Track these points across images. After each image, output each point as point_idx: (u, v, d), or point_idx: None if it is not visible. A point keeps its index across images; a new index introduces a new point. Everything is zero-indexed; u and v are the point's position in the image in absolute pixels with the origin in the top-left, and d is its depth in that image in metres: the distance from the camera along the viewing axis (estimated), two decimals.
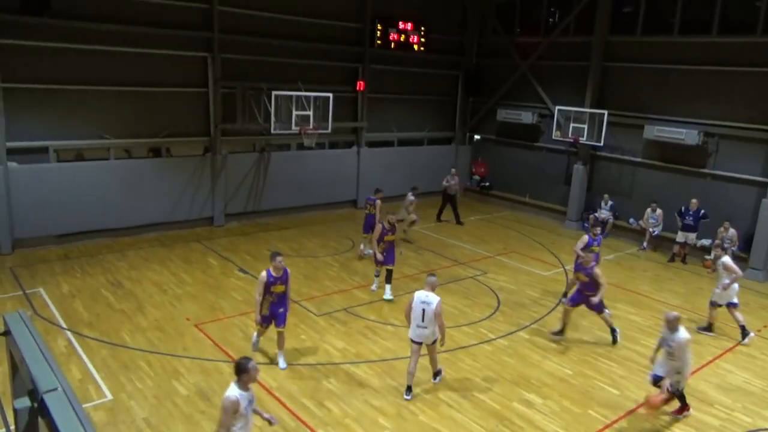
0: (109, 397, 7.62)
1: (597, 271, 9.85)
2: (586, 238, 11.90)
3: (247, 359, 5.55)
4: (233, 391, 5.40)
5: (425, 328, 7.91)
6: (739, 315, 10.55)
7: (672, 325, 7.62)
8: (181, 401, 7.63)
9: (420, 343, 8.00)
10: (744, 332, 10.55)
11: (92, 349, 8.83)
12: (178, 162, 15.31)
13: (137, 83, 14.26)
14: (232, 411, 5.33)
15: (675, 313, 7.75)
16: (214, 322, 10.07)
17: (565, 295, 12.14)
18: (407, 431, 7.28)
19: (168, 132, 14.89)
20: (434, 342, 8.11)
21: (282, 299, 8.49)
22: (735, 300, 10.57)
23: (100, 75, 13.68)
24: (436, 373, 8.55)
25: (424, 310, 7.86)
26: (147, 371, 8.33)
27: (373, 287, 11.92)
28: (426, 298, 7.93)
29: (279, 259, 8.30)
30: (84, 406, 7.30)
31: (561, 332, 10.21)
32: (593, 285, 9.82)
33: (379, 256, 11.46)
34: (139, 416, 7.24)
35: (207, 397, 7.75)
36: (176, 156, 15.36)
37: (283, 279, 8.39)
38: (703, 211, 14.78)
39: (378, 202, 13.92)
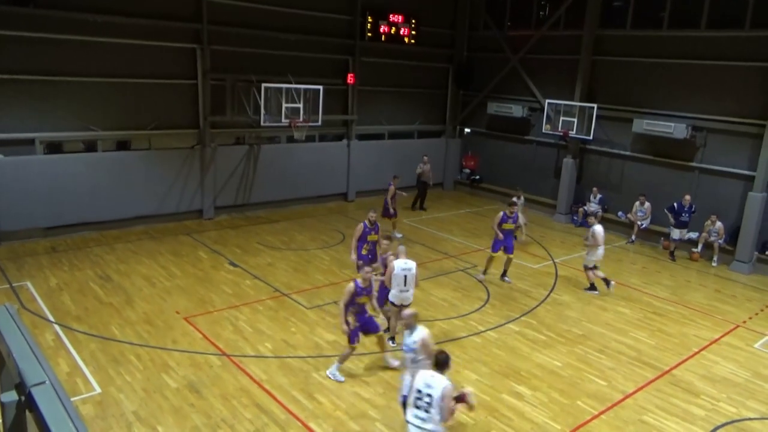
0: (98, 390, 7.58)
1: (389, 260, 9.30)
2: (501, 214, 12.43)
3: (445, 352, 5.92)
4: (447, 380, 5.71)
5: (407, 291, 8.94)
6: (599, 273, 12.24)
7: (409, 324, 6.86)
8: (171, 394, 7.61)
9: (400, 306, 8.86)
10: (607, 282, 12.21)
11: (81, 343, 8.78)
12: (166, 154, 15.19)
13: (125, 75, 14.11)
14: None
15: (411, 311, 7.12)
16: (204, 315, 10.04)
17: (504, 273, 12.60)
18: (397, 423, 7.29)
19: (156, 124, 14.77)
20: (409, 304, 9.00)
21: (364, 309, 8.34)
22: (596, 264, 12.30)
23: (87, 66, 13.52)
24: (393, 338, 9.21)
25: (405, 276, 8.85)
26: (136, 364, 8.29)
27: None
28: (405, 264, 8.92)
29: (368, 270, 8.34)
30: (72, 399, 7.26)
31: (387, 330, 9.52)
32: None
33: (353, 256, 10.78)
34: (128, 409, 7.22)
35: (197, 389, 7.74)
36: (164, 148, 15.25)
37: (369, 291, 8.29)
38: (694, 207, 14.82)
39: (391, 186, 14.33)
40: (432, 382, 5.68)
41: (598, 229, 12.11)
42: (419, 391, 5.70)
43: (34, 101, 13.02)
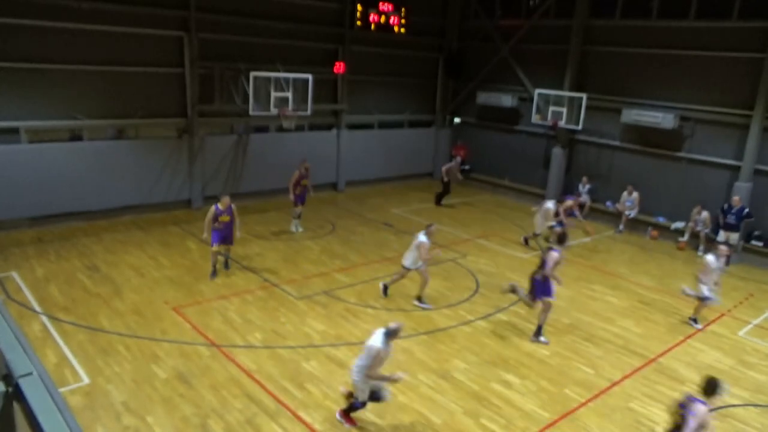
0: (87, 381, 7.54)
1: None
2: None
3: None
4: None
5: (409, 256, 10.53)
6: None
7: None
8: (160, 385, 7.59)
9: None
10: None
11: (68, 334, 8.72)
12: (154, 143, 15.06)
13: (112, 62, 13.92)
14: None
15: None
16: (193, 305, 10.00)
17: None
18: (387, 412, 7.35)
19: (143, 113, 14.60)
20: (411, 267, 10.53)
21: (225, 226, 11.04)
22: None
23: (72, 54, 13.32)
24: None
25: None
26: (125, 355, 8.26)
27: (294, 228, 14.25)
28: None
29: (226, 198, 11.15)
30: (61, 390, 7.21)
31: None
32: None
33: (291, 197, 13.94)
34: (117, 400, 7.19)
35: (186, 380, 7.72)
36: (153, 137, 15.11)
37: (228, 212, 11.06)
38: (747, 210, 13.99)
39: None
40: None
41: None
42: None
43: (17, 89, 12.80)
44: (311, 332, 9.34)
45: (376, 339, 6.59)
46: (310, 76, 15.57)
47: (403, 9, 18.86)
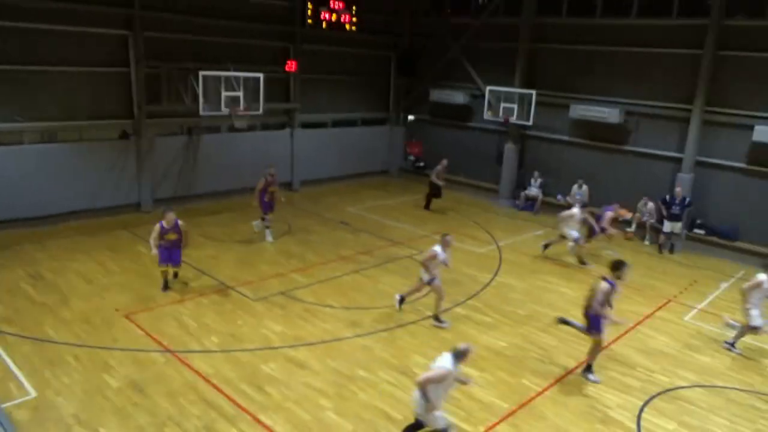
0: (33, 394, 7.22)
1: None
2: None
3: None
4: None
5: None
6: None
7: None
8: (113, 394, 7.33)
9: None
10: None
11: (12, 346, 8.32)
12: (99, 146, 14.56)
13: (53, 62, 13.38)
14: None
15: None
16: (146, 311, 9.71)
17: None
18: (348, 410, 7.32)
19: (87, 114, 14.08)
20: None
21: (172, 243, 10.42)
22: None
23: (12, 53, 12.74)
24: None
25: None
26: (74, 365, 7.94)
27: (268, 236, 13.66)
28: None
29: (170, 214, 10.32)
30: (5, 405, 6.90)
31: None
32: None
33: (255, 203, 13.47)
34: (67, 412, 6.91)
35: (140, 388, 7.49)
36: (98, 139, 14.60)
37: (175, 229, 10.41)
38: (688, 200, 14.50)
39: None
40: None
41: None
42: None
43: None
44: (269, 334, 9.21)
45: (446, 362, 6.23)
46: (261, 75, 15.34)
47: (354, 7, 18.80)
